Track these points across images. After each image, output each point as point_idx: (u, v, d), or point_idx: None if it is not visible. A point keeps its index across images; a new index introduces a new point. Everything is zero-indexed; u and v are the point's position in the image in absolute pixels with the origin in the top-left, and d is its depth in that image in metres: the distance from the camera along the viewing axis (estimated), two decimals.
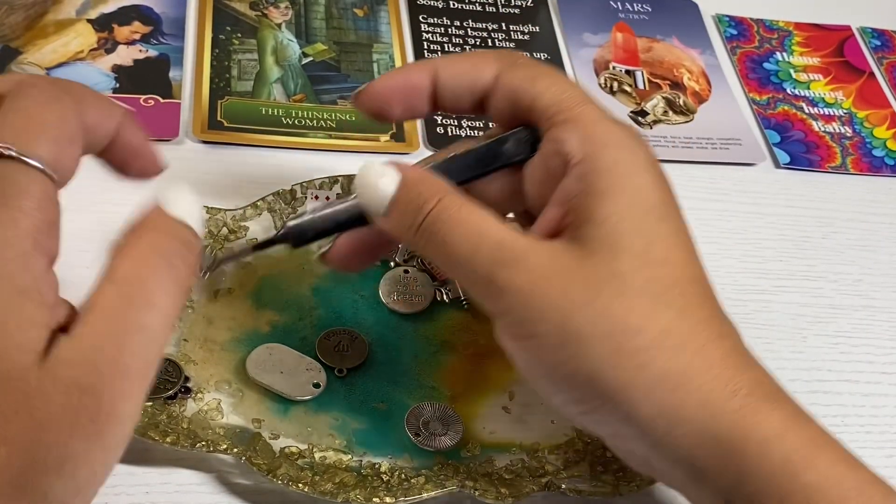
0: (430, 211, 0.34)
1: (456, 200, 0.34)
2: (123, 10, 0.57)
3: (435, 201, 0.34)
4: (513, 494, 0.38)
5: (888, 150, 0.61)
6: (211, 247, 0.44)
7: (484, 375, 0.43)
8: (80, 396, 0.27)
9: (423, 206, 0.34)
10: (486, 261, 0.33)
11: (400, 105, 0.39)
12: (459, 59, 0.39)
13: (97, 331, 0.28)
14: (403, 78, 0.39)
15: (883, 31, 0.69)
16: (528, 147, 0.37)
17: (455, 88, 0.38)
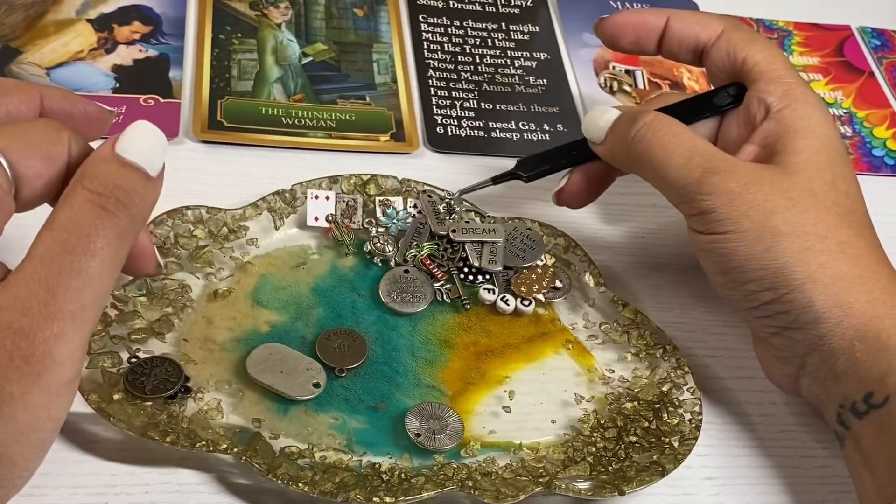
0: (645, 123, 0.42)
1: (669, 118, 0.43)
2: (123, 10, 0.57)
3: (651, 116, 0.43)
4: (512, 494, 0.38)
5: (888, 149, 0.61)
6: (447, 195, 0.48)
7: (484, 375, 0.43)
8: (13, 338, 0.28)
9: (639, 119, 0.42)
10: (698, 167, 0.40)
11: (631, 37, 0.47)
12: (690, 13, 0.47)
13: (31, 276, 0.29)
14: (641, 17, 0.47)
15: (883, 30, 0.69)
16: (734, 100, 0.45)
17: (683, 36, 0.47)
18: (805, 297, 0.39)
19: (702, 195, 0.40)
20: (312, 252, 0.46)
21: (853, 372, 0.38)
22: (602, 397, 0.43)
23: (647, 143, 0.42)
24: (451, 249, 0.47)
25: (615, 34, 0.48)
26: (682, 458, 0.41)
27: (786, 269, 0.39)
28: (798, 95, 0.43)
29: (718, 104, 0.46)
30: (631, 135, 0.42)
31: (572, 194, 0.46)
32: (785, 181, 0.40)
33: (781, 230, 0.39)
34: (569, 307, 0.47)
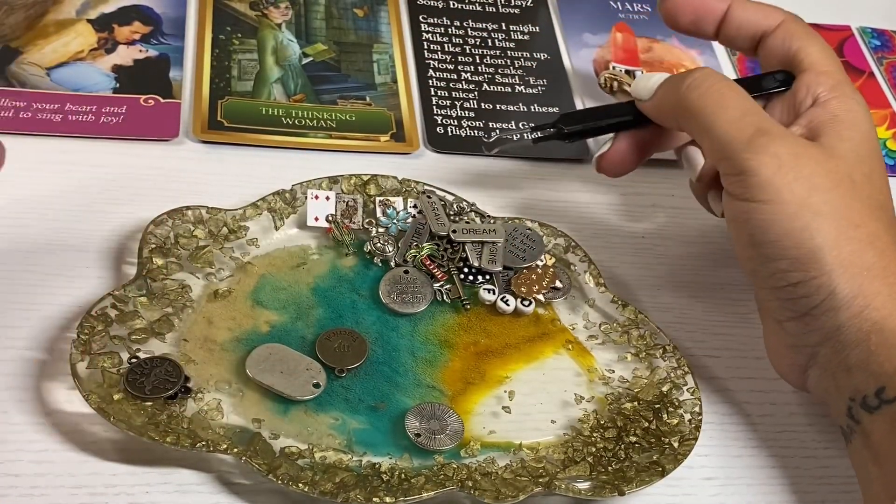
0: (699, 74, 0.42)
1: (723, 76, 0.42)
2: (123, 10, 0.57)
3: (704, 70, 0.42)
4: (513, 494, 0.38)
5: (888, 149, 0.61)
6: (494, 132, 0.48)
7: (484, 375, 0.43)
8: None
9: (689, 75, 0.42)
10: (751, 125, 0.40)
11: (691, 17, 0.48)
12: (751, 3, 0.48)
13: None
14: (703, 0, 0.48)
15: (883, 31, 0.69)
16: (781, 84, 0.46)
17: (743, 24, 0.47)
18: (832, 283, 0.38)
19: (749, 153, 0.39)
20: (312, 252, 0.46)
21: (866, 365, 0.38)
22: (602, 397, 0.43)
23: (701, 91, 0.41)
24: (451, 249, 0.47)
25: (676, 12, 0.48)
26: (682, 458, 0.41)
27: (819, 252, 0.38)
28: (846, 91, 0.43)
29: (765, 86, 0.46)
30: (686, 83, 0.42)
31: (615, 161, 0.47)
32: (830, 162, 0.40)
33: (821, 210, 0.38)
34: (569, 307, 0.47)
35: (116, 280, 0.43)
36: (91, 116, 0.50)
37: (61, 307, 0.42)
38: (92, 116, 0.50)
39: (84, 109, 0.50)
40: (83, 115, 0.50)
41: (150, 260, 0.43)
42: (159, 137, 0.50)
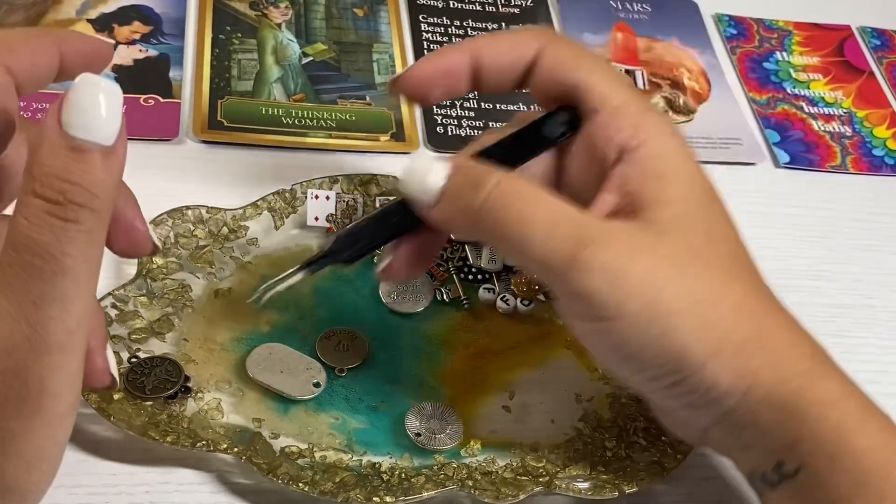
0: (491, 190, 0.34)
1: (519, 178, 0.35)
2: (123, 9, 0.57)
3: (496, 179, 0.34)
4: (513, 494, 0.38)
5: (888, 149, 0.61)
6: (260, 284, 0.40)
7: (484, 375, 0.43)
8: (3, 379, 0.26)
9: (483, 184, 0.34)
10: (568, 239, 0.33)
11: (439, 88, 0.39)
12: (500, 37, 0.40)
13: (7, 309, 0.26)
14: (443, 62, 0.39)
15: (883, 30, 0.69)
16: (568, 127, 0.38)
17: (499, 68, 0.39)
18: (710, 377, 0.34)
19: (574, 274, 0.33)
20: (312, 252, 0.46)
21: (761, 442, 0.34)
22: (602, 397, 0.43)
23: (497, 214, 0.34)
24: (451, 249, 0.47)
25: (419, 91, 0.40)
26: (683, 457, 0.41)
27: (686, 352, 0.33)
28: (651, 128, 0.36)
29: (550, 136, 0.38)
30: (477, 205, 0.34)
31: (402, 272, 0.38)
32: (664, 243, 0.34)
33: (673, 307, 0.33)
34: None
35: (116, 280, 0.43)
36: None
37: None
38: None
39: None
40: None
41: (150, 259, 0.43)
42: (159, 137, 0.50)
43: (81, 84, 0.26)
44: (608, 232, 0.34)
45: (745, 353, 0.34)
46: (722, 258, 0.35)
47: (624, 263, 0.33)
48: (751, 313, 0.34)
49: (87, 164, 0.26)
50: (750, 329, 0.34)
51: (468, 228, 0.36)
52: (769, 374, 0.34)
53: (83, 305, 0.27)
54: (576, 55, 0.38)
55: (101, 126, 0.26)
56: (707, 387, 0.34)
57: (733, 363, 0.34)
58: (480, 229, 0.35)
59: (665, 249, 0.34)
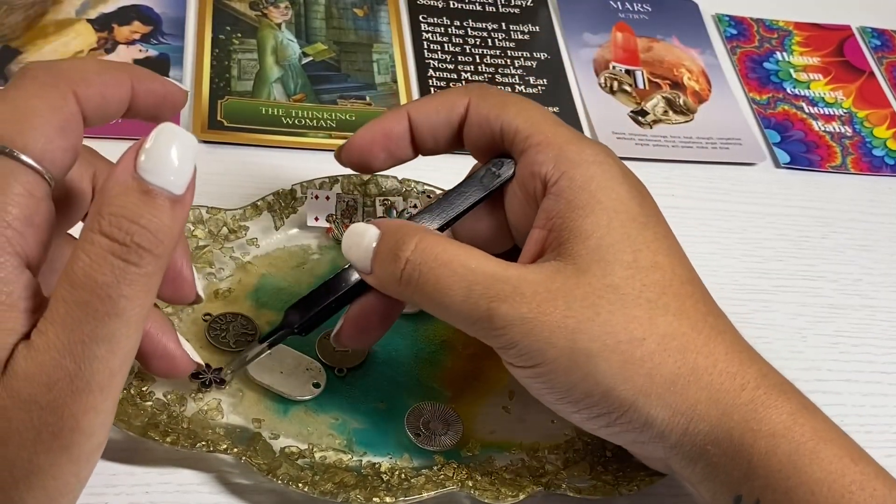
0: (409, 257, 0.34)
1: (436, 240, 0.35)
2: (123, 10, 0.57)
3: (413, 244, 0.35)
4: (513, 494, 0.38)
5: (888, 149, 0.61)
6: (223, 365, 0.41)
7: (484, 375, 0.43)
8: (40, 413, 0.26)
9: (401, 253, 0.35)
10: (483, 298, 0.33)
11: (382, 153, 0.40)
12: (431, 99, 0.40)
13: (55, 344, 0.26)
14: (381, 127, 0.40)
15: (883, 30, 0.69)
16: (504, 173, 0.39)
17: (431, 127, 0.39)
18: (642, 415, 0.33)
19: (496, 330, 0.34)
20: (313, 252, 0.46)
21: (715, 477, 0.34)
22: None
23: (416, 283, 0.34)
24: None
25: (364, 158, 0.40)
26: None
27: (612, 392, 0.33)
28: (572, 157, 0.36)
29: (488, 185, 0.39)
30: (397, 276, 0.35)
31: (354, 335, 0.38)
32: (581, 284, 0.34)
33: (592, 349, 0.33)
34: None
35: None
36: None
37: None
38: None
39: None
40: None
41: None
42: None
43: (161, 132, 0.27)
44: (522, 283, 0.34)
45: (677, 389, 0.33)
46: (648, 289, 0.34)
47: (538, 314, 0.33)
48: (680, 347, 0.33)
49: (157, 209, 0.27)
50: (680, 364, 0.33)
51: (397, 294, 0.36)
52: (709, 408, 0.33)
53: (130, 347, 0.28)
54: (501, 103, 0.38)
55: (175, 174, 0.27)
56: (643, 423, 0.34)
57: (666, 399, 0.33)
58: (406, 295, 0.35)
59: (582, 290, 0.34)
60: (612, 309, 0.33)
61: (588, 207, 0.35)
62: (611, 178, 0.36)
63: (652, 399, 0.33)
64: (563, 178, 0.36)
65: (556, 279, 0.34)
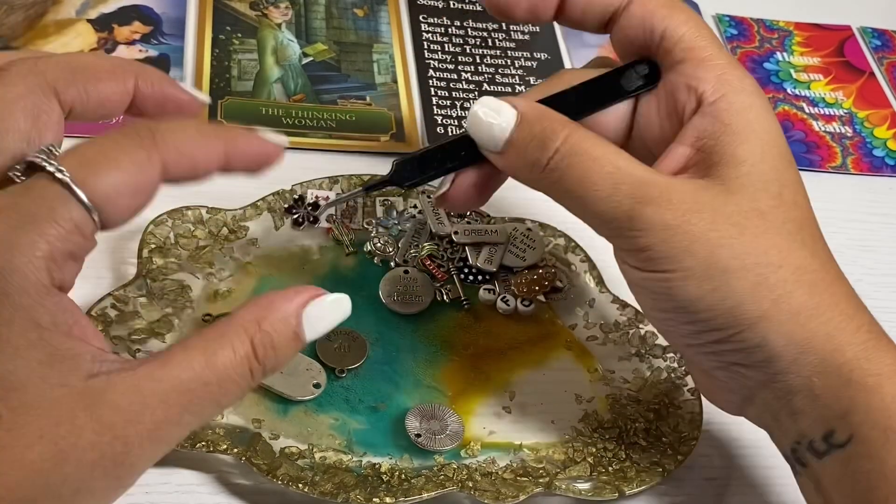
0: (559, 147, 0.35)
1: (585, 135, 0.35)
2: (123, 10, 0.57)
3: (563, 136, 0.35)
4: (513, 495, 0.38)
5: (888, 150, 0.61)
6: None
7: (484, 375, 0.43)
8: (112, 441, 0.27)
9: (550, 143, 0.35)
10: (628, 198, 0.34)
11: (527, 5, 0.38)
12: None
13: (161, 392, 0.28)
14: None
15: (883, 31, 0.69)
16: (647, 81, 0.38)
17: (589, 2, 0.38)
18: (758, 337, 0.34)
19: (634, 231, 0.34)
20: (313, 252, 0.46)
21: (812, 409, 0.34)
22: (602, 397, 0.43)
23: (560, 173, 0.35)
24: (451, 250, 0.47)
25: (507, 4, 0.38)
26: (683, 458, 0.41)
27: (737, 309, 0.34)
28: (734, 83, 0.36)
29: (627, 88, 0.38)
30: (542, 163, 0.35)
31: (458, 201, 0.38)
32: (729, 203, 0.34)
33: (730, 265, 0.34)
34: (569, 307, 0.47)
35: (116, 280, 0.43)
36: None
37: None
38: None
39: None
40: None
41: (149, 260, 0.43)
42: None
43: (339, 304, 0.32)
44: (670, 190, 0.34)
45: (799, 319, 0.34)
46: (789, 223, 0.35)
47: (682, 221, 0.34)
48: (811, 282, 0.34)
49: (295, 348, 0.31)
50: (808, 297, 0.34)
51: (532, 182, 0.36)
52: (824, 342, 0.34)
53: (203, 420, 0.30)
54: (668, 5, 0.38)
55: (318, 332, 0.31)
56: (755, 345, 0.34)
57: (786, 327, 0.34)
58: (544, 184, 0.36)
59: (729, 209, 0.34)
60: (756, 232, 0.34)
61: (744, 135, 0.35)
62: (767, 111, 0.36)
63: (773, 324, 0.34)
64: (721, 100, 0.36)
65: (705, 194, 0.34)
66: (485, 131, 0.36)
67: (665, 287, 0.35)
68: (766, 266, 0.34)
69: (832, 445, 0.34)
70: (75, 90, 0.32)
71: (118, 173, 0.29)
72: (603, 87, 0.38)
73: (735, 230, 0.34)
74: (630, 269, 0.36)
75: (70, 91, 0.32)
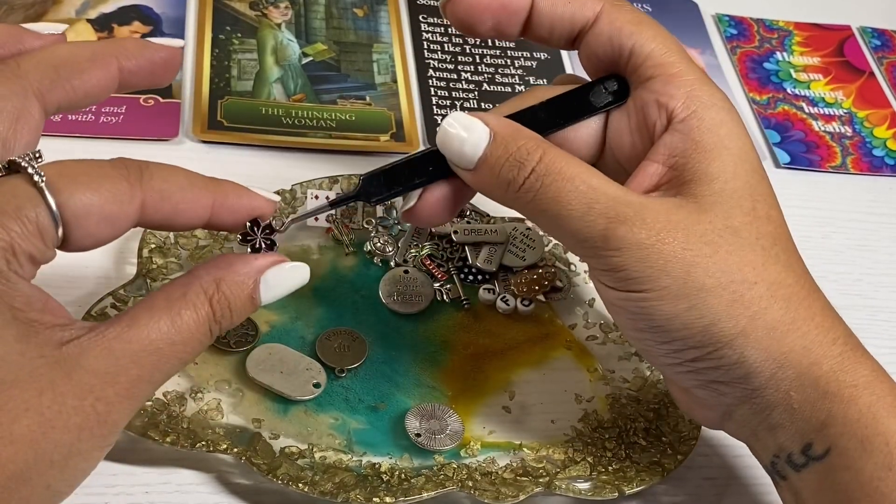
0: (535, 167, 0.34)
1: (559, 155, 0.35)
2: (123, 10, 0.57)
3: (537, 156, 0.35)
4: (513, 495, 0.38)
5: (888, 149, 0.61)
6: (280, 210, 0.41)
7: (484, 375, 0.43)
8: (94, 403, 0.28)
9: (525, 163, 0.35)
10: (602, 217, 0.34)
11: (490, 20, 0.38)
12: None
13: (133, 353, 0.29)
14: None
15: (883, 30, 0.69)
16: (616, 97, 0.38)
17: (554, 19, 0.38)
18: (736, 354, 0.34)
19: (609, 251, 0.34)
20: (312, 252, 0.46)
21: (790, 423, 0.35)
22: (602, 397, 0.43)
23: (535, 193, 0.34)
24: (451, 249, 0.47)
25: (471, 19, 0.38)
26: (683, 458, 0.41)
27: (713, 327, 0.34)
28: (704, 98, 0.36)
29: (596, 104, 0.38)
30: (518, 183, 0.35)
31: (424, 215, 0.38)
32: (702, 221, 0.34)
33: (705, 284, 0.34)
34: (569, 307, 0.47)
35: (116, 280, 0.43)
36: (90, 116, 0.50)
37: None
38: (91, 116, 0.50)
39: (83, 109, 0.50)
40: (83, 115, 0.50)
41: (150, 260, 0.43)
42: (159, 137, 0.50)
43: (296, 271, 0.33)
44: (644, 209, 0.34)
45: (776, 335, 0.34)
46: (763, 238, 0.35)
47: (657, 241, 0.34)
48: (786, 296, 0.35)
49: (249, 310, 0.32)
50: (784, 311, 0.34)
51: (504, 201, 0.36)
52: (801, 356, 0.34)
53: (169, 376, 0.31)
54: (636, 20, 0.38)
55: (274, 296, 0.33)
56: (734, 362, 0.34)
57: (763, 343, 0.34)
58: (518, 204, 0.36)
59: (702, 227, 0.34)
60: (730, 249, 0.34)
61: (715, 151, 0.35)
62: (737, 126, 0.36)
63: (750, 340, 0.34)
64: (692, 116, 0.36)
65: (678, 213, 0.34)
66: (455, 148, 0.35)
67: (641, 307, 0.34)
68: (742, 283, 0.34)
69: (810, 458, 0.34)
70: (61, 89, 0.33)
71: (94, 195, 0.29)
72: (572, 103, 0.38)
73: (709, 249, 0.34)
74: (606, 289, 0.36)
75: (56, 92, 0.33)
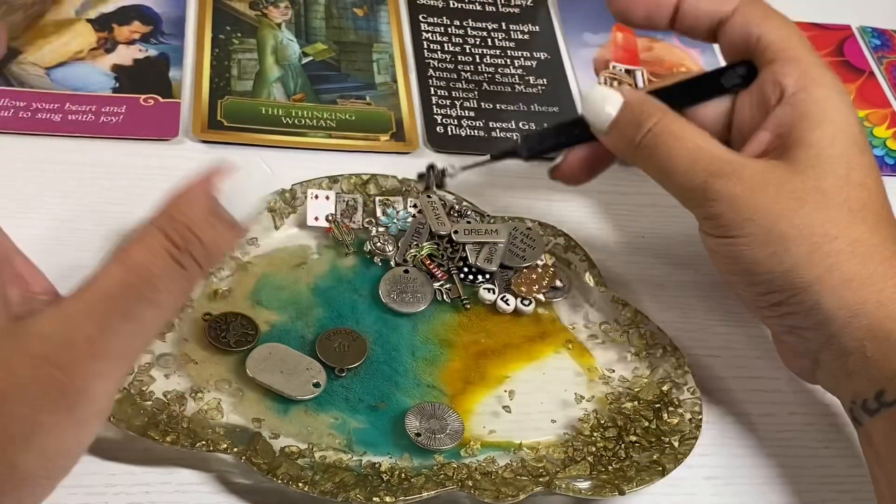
0: (651, 128, 0.41)
1: (675, 119, 0.41)
2: (123, 9, 0.57)
3: (655, 119, 0.41)
4: (513, 494, 0.38)
5: (888, 149, 0.61)
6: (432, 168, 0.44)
7: (484, 375, 0.43)
8: (51, 370, 0.27)
9: (644, 123, 0.41)
10: (703, 172, 0.40)
11: (644, 12, 0.44)
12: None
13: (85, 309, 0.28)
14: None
15: (883, 30, 0.69)
16: (743, 80, 0.43)
17: (698, 13, 0.44)
18: (812, 300, 0.38)
19: (707, 201, 0.39)
20: (312, 252, 0.46)
21: (865, 370, 0.38)
22: (602, 397, 0.43)
23: (650, 150, 0.41)
24: (451, 249, 0.47)
25: (627, 8, 0.45)
26: (683, 457, 0.41)
27: (792, 273, 0.38)
28: (815, 77, 0.41)
29: (726, 85, 0.44)
30: (636, 141, 0.41)
31: (569, 173, 0.45)
32: (793, 180, 0.39)
33: (788, 234, 0.38)
34: (569, 307, 0.47)
35: None
36: (91, 116, 0.50)
37: None
38: (92, 116, 0.50)
39: (84, 109, 0.50)
40: (83, 115, 0.50)
41: None
42: (159, 137, 0.50)
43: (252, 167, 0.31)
44: (742, 167, 0.39)
45: (852, 287, 0.38)
46: (851, 201, 0.39)
47: (748, 194, 0.39)
48: (866, 254, 0.38)
49: (219, 233, 0.30)
50: (861, 266, 0.38)
51: (628, 156, 0.42)
52: (874, 308, 0.38)
53: (150, 334, 0.30)
54: (766, 14, 0.43)
55: (245, 207, 0.30)
56: (810, 307, 0.38)
57: (837, 293, 0.38)
58: (638, 159, 0.42)
59: (792, 185, 0.39)
60: (815, 207, 0.38)
61: (818, 122, 0.40)
62: (844, 104, 0.41)
63: (826, 289, 0.38)
64: (801, 91, 0.41)
65: (773, 172, 0.39)
66: (595, 113, 0.42)
67: (731, 251, 0.39)
68: (823, 236, 0.38)
69: (882, 404, 0.37)
70: None
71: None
72: (707, 84, 0.44)
73: (796, 204, 0.38)
74: (706, 236, 0.41)
75: None
